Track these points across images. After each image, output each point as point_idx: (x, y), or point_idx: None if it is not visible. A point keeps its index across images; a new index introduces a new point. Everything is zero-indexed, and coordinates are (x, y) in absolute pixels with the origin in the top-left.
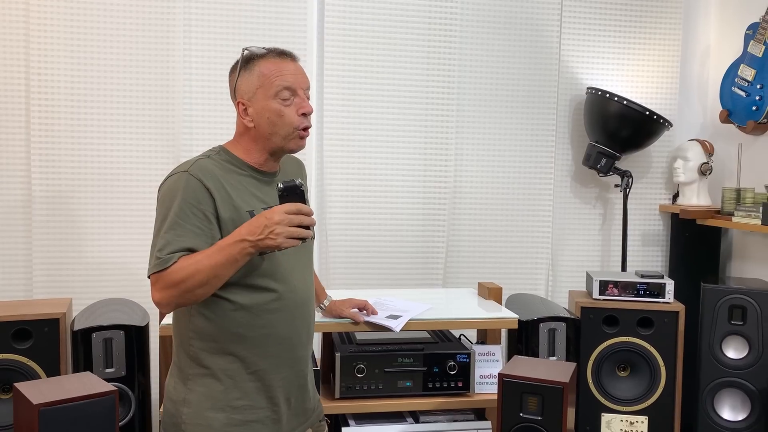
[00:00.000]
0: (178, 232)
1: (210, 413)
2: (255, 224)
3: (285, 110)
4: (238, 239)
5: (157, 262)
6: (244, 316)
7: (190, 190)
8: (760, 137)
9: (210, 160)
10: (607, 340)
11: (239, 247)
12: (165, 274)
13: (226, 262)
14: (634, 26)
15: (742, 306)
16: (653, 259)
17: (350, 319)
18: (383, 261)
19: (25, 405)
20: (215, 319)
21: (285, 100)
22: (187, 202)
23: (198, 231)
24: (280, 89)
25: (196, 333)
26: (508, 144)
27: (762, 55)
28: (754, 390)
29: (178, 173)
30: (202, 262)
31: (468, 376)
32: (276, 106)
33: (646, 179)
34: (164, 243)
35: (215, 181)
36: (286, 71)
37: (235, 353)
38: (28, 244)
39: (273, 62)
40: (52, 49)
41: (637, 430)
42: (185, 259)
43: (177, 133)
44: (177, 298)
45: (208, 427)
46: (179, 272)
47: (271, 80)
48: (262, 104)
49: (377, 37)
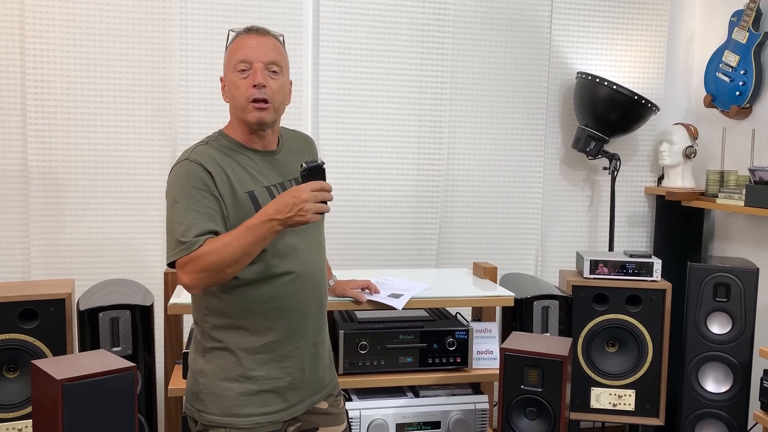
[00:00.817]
0: (194, 217)
1: (224, 383)
2: (282, 203)
3: (240, 82)
4: (266, 219)
5: (184, 247)
6: (250, 291)
7: (194, 176)
8: (743, 121)
9: (208, 146)
10: (597, 317)
11: (267, 225)
12: (194, 257)
13: (254, 242)
14: (622, 13)
15: (726, 284)
16: (639, 239)
17: (353, 298)
18: (378, 242)
19: (46, 381)
20: (225, 296)
21: (242, 72)
22: (194, 188)
23: (212, 212)
24: (237, 62)
25: (209, 310)
26: (499, 128)
27: (746, 42)
28: (737, 363)
29: (180, 162)
30: (232, 243)
31: (466, 352)
32: (234, 78)
33: (633, 162)
34: (185, 228)
35: (215, 165)
36: (246, 45)
37: (245, 327)
38: (26, 226)
39: (239, 38)
40: (48, 30)
41: (625, 402)
42: (212, 242)
43: (174, 114)
44: (208, 279)
45: (223, 396)
46: (210, 255)
47: (232, 54)
48: (227, 78)
49: (372, 22)
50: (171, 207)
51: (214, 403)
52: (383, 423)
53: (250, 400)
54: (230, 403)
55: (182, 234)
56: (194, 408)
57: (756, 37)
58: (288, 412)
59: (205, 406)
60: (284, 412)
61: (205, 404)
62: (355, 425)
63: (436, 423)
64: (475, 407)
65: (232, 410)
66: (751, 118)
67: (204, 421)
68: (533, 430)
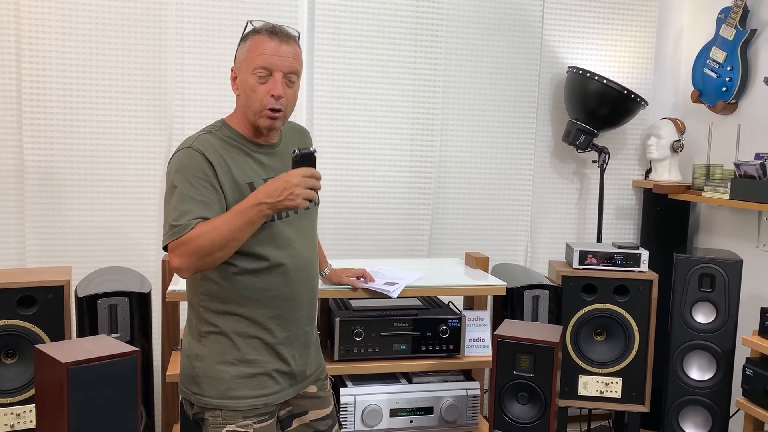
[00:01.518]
0: (189, 204)
1: (220, 366)
2: (272, 187)
3: (258, 87)
4: (256, 203)
5: (175, 230)
6: (247, 279)
7: (195, 164)
8: (728, 117)
9: (211, 135)
10: (586, 306)
11: (257, 209)
12: (184, 240)
13: (244, 225)
14: (612, 9)
15: (711, 274)
16: (626, 231)
17: (349, 285)
18: (370, 232)
19: (51, 365)
20: (222, 283)
21: (261, 78)
22: (194, 176)
23: (208, 201)
24: (257, 66)
25: (205, 295)
26: (491, 120)
27: (732, 39)
28: (720, 352)
29: (182, 149)
30: (222, 226)
31: (458, 340)
32: (252, 81)
33: (621, 155)
34: (179, 213)
35: (216, 155)
36: (268, 50)
37: (240, 314)
38: (21, 214)
39: (261, 38)
40: (44, 20)
41: (611, 390)
42: (202, 225)
43: (169, 104)
44: (197, 262)
45: (219, 379)
46: (199, 237)
47: (254, 56)
48: (244, 76)
49: (366, 16)
50: (169, 192)
51: (210, 386)
52: (377, 408)
53: (245, 382)
54: (226, 386)
55: (175, 219)
56: (190, 391)
57: (743, 34)
58: (281, 395)
59: (202, 389)
60: (277, 395)
61: (202, 387)
62: (350, 411)
63: (428, 408)
64: (467, 393)
65: (228, 393)
66: (736, 114)
67: (200, 403)
68: (525, 414)
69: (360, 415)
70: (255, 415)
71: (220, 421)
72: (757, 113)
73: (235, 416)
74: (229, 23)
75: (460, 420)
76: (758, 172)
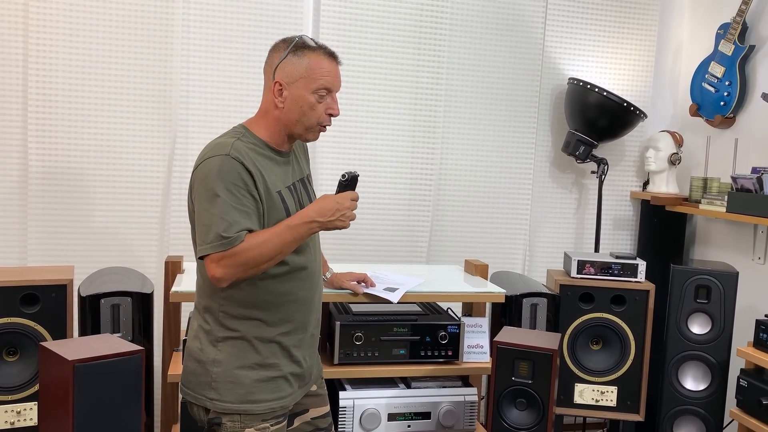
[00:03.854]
0: (235, 215)
1: (240, 371)
2: (325, 207)
3: (318, 106)
4: (308, 220)
5: (226, 242)
6: (271, 284)
7: (235, 173)
8: (726, 130)
9: (241, 143)
10: (583, 315)
11: (308, 227)
12: (233, 252)
13: (293, 240)
14: (613, 22)
15: (707, 286)
16: (623, 241)
17: (350, 290)
18: (370, 238)
19: (57, 362)
20: (246, 288)
21: (321, 97)
22: (235, 185)
23: (250, 211)
24: (321, 87)
25: (227, 300)
26: (492, 129)
27: (731, 54)
28: (715, 362)
29: (219, 156)
30: (272, 240)
31: (457, 346)
32: (312, 99)
33: (620, 167)
34: (227, 225)
35: (252, 163)
36: (327, 70)
37: (261, 318)
38: (24, 213)
39: (323, 59)
40: (50, 21)
41: (607, 398)
42: (251, 238)
43: (174, 106)
44: (242, 274)
45: (239, 384)
46: (250, 251)
47: (317, 76)
48: (300, 93)
49: (370, 23)
50: (210, 200)
51: (229, 391)
52: (375, 412)
53: (264, 386)
54: (246, 390)
55: (224, 230)
56: (205, 397)
57: (741, 50)
58: (294, 397)
59: (220, 394)
60: (291, 397)
61: (220, 393)
62: (348, 414)
63: (426, 413)
64: (465, 399)
65: (248, 397)
66: (734, 128)
67: (218, 409)
68: (522, 420)
69: (358, 419)
70: (272, 417)
71: (239, 425)
72: (755, 128)
73: (254, 420)
74: (235, 27)
75: (457, 425)
76: (755, 185)
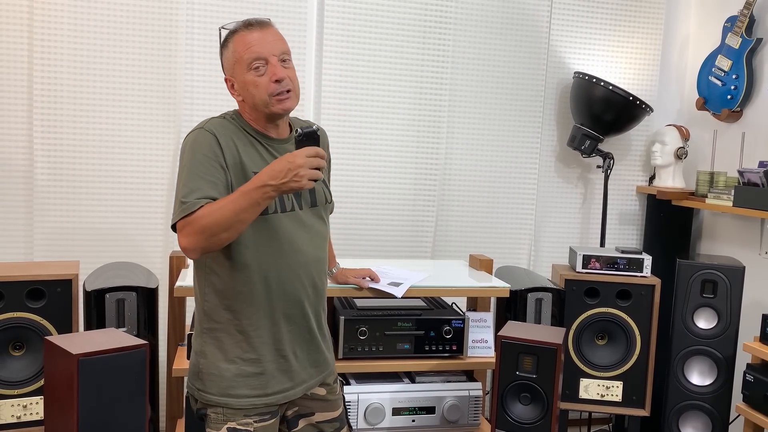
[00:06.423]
0: (198, 182)
1: (222, 364)
2: (277, 168)
3: (259, 80)
4: (260, 184)
5: (183, 208)
6: (253, 275)
7: (206, 144)
8: (733, 124)
9: (225, 120)
10: (588, 310)
11: (261, 191)
12: (192, 219)
13: (248, 206)
14: (619, 15)
15: (713, 280)
16: (629, 236)
17: (355, 285)
18: (375, 233)
19: (62, 356)
20: (224, 277)
21: (257, 70)
22: (204, 155)
23: (216, 181)
24: (250, 61)
25: (209, 290)
26: (497, 124)
27: (738, 47)
28: (721, 357)
29: (195, 130)
30: (227, 207)
31: (462, 340)
32: (251, 77)
33: (626, 161)
34: (188, 191)
35: (226, 138)
36: (253, 42)
37: (240, 310)
38: (29, 209)
39: (241, 36)
40: (55, 18)
41: (612, 393)
42: (209, 205)
43: (178, 101)
44: (203, 242)
45: (221, 377)
46: (205, 217)
47: (243, 54)
48: (242, 78)
49: (375, 18)
50: (181, 171)
51: (212, 383)
52: (380, 407)
53: (246, 381)
54: (227, 384)
55: (184, 196)
56: (195, 387)
57: (748, 43)
58: (285, 395)
59: (205, 385)
60: (280, 395)
61: (205, 383)
62: (353, 408)
63: (431, 408)
64: (469, 394)
65: (228, 390)
66: (741, 122)
67: (203, 400)
68: (527, 415)
69: (363, 413)
70: (256, 414)
71: (222, 418)
72: (762, 122)
73: (235, 414)
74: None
75: (461, 420)
76: (762, 179)
